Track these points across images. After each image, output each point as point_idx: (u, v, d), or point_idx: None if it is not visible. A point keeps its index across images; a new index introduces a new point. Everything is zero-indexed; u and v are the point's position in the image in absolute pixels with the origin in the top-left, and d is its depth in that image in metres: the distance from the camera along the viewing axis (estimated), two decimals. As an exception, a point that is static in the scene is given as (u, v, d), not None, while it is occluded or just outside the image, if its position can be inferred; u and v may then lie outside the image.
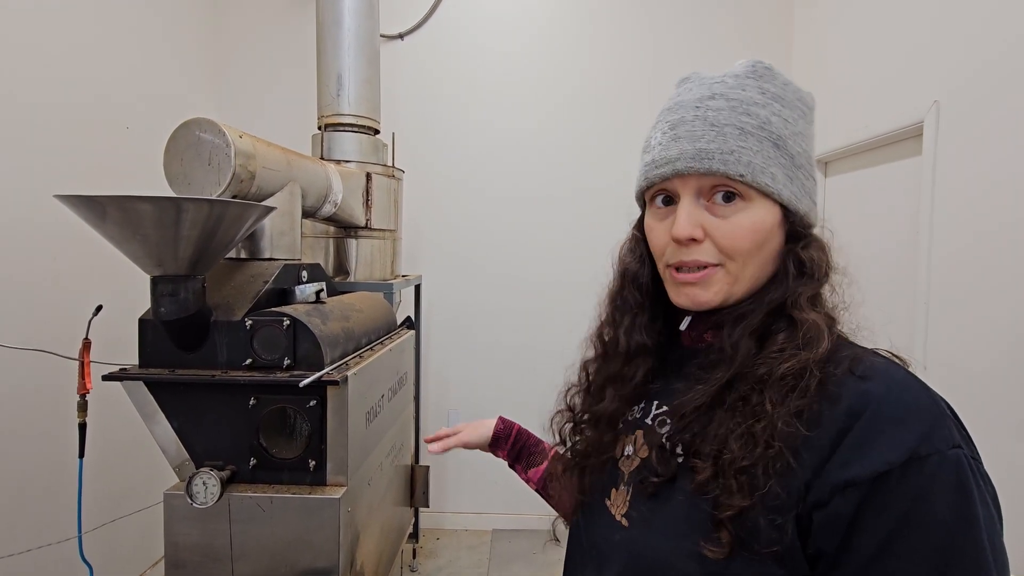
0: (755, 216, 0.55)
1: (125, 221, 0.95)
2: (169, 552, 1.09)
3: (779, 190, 0.55)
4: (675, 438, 0.56)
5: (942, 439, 0.45)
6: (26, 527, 1.71)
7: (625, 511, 0.59)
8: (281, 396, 1.09)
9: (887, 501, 0.44)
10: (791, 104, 0.58)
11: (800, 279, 0.56)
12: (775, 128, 0.55)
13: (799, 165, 0.57)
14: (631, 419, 0.65)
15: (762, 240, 0.56)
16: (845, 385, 0.49)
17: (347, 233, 1.97)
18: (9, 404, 1.68)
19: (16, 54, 1.69)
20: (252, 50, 2.84)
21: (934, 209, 1.69)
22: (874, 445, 0.45)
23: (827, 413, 0.48)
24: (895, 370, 0.50)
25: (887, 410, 0.46)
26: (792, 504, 0.47)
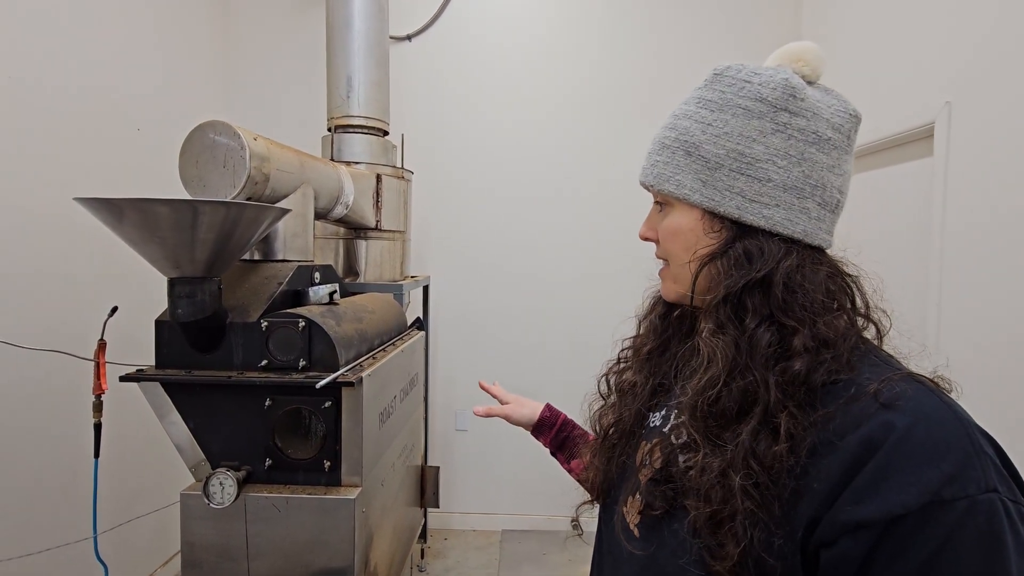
0: (672, 220, 0.60)
1: (143, 223, 0.96)
2: (185, 552, 1.10)
3: (686, 195, 0.57)
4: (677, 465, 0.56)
5: (973, 481, 0.41)
6: (42, 526, 1.72)
7: (638, 521, 0.59)
8: (296, 397, 1.09)
9: (902, 548, 0.41)
10: (730, 106, 0.56)
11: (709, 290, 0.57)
12: (690, 135, 0.57)
13: (717, 166, 0.55)
14: (652, 426, 0.65)
15: (686, 242, 0.59)
16: (866, 412, 0.45)
17: (357, 234, 1.98)
18: (26, 404, 1.69)
19: (31, 60, 1.71)
20: (261, 52, 2.85)
21: (946, 210, 1.68)
22: (891, 484, 0.42)
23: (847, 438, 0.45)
24: (927, 399, 0.46)
25: (909, 445, 0.43)
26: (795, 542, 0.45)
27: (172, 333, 1.10)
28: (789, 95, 0.54)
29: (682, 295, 0.61)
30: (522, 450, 2.53)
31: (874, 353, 0.53)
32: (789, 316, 0.51)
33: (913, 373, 0.49)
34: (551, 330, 2.88)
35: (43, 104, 1.75)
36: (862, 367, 0.50)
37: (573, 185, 2.86)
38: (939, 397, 0.47)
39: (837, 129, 0.56)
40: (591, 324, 2.83)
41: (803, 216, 0.55)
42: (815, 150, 0.55)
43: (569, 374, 2.85)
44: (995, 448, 0.44)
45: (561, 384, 2.87)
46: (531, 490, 2.78)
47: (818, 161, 0.55)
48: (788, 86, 0.55)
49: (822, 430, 0.46)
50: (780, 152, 0.54)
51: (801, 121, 0.54)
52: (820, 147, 0.55)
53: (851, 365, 0.50)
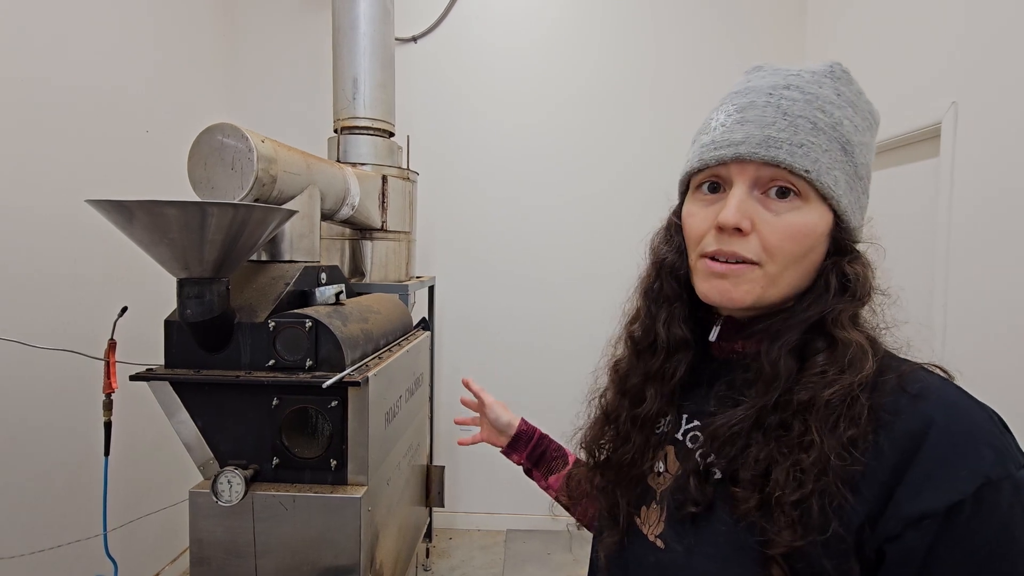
0: (808, 218, 0.52)
1: (153, 225, 0.97)
2: (194, 549, 1.11)
3: (839, 196, 0.52)
4: (711, 461, 0.53)
5: (1011, 460, 0.44)
6: (53, 523, 1.75)
7: (660, 532, 0.56)
8: (303, 396, 1.11)
9: (966, 531, 0.43)
10: (862, 113, 0.55)
11: (842, 296, 0.53)
12: (846, 132, 0.52)
13: (860, 176, 0.54)
14: (659, 432, 0.62)
15: (809, 245, 0.52)
16: (899, 405, 0.47)
17: (363, 235, 1.99)
18: (37, 403, 1.72)
19: (42, 63, 1.73)
20: (268, 55, 2.87)
21: (952, 211, 1.68)
22: (944, 473, 0.44)
23: (885, 439, 0.46)
24: (949, 388, 0.48)
25: (950, 434, 0.45)
26: (853, 541, 0.45)
27: (181, 333, 1.12)
28: (879, 116, 0.57)
29: (762, 298, 0.53)
30: (527, 450, 2.53)
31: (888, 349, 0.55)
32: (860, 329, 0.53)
33: (922, 364, 0.51)
34: (555, 330, 2.89)
35: (53, 106, 1.77)
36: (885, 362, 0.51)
37: (577, 185, 2.86)
38: (955, 386, 0.49)
39: None
40: (595, 324, 2.82)
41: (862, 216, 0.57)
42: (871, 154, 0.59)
43: (573, 374, 2.84)
44: (1002, 421, 0.48)
45: (564, 384, 2.87)
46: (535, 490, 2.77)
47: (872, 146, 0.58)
48: (877, 113, 0.57)
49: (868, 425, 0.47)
50: (871, 170, 0.57)
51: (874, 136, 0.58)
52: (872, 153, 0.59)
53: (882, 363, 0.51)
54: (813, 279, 0.55)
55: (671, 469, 0.58)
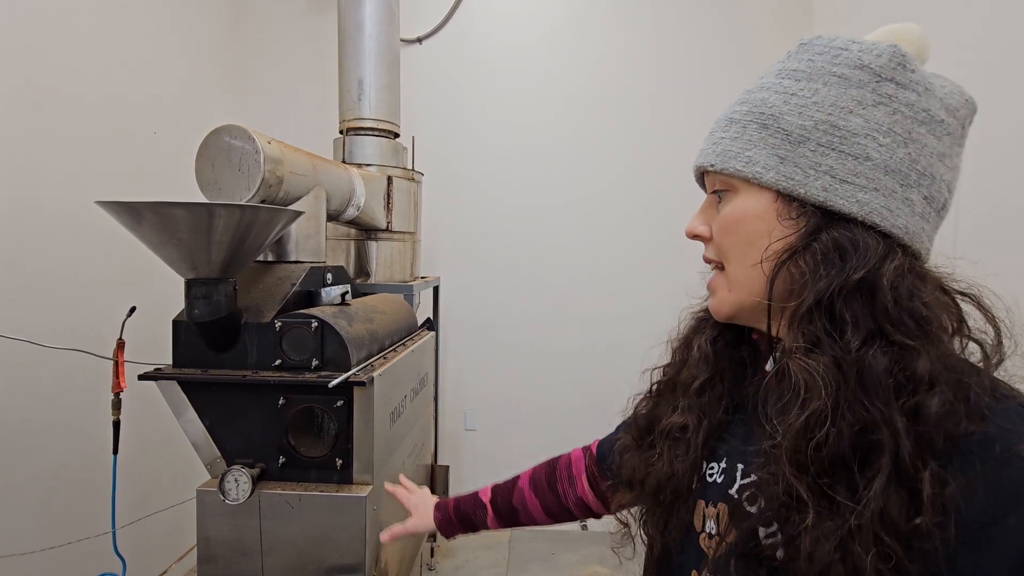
0: (736, 206, 0.49)
1: (161, 226, 0.98)
2: (201, 547, 1.12)
3: (758, 173, 0.47)
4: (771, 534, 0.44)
5: None
6: (61, 521, 1.76)
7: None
8: (309, 396, 1.11)
9: None
10: (821, 74, 0.47)
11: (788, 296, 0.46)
12: (769, 107, 0.48)
13: (802, 139, 0.46)
14: (711, 482, 0.53)
15: (751, 234, 0.48)
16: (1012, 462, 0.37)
17: (368, 235, 2.00)
18: (47, 401, 1.73)
19: (51, 67, 1.75)
20: (273, 56, 2.89)
21: (958, 219, 1.67)
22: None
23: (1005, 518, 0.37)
24: None
25: None
26: None
27: (189, 333, 1.13)
28: (898, 63, 0.45)
29: (740, 306, 0.50)
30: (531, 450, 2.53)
31: (992, 386, 0.42)
32: (904, 334, 0.41)
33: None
34: (560, 330, 2.89)
35: (63, 109, 1.79)
36: (995, 413, 0.40)
37: (582, 185, 2.86)
38: None
39: (952, 113, 0.46)
40: (600, 324, 2.83)
41: (906, 208, 0.45)
42: (925, 131, 0.45)
43: (575, 374, 2.86)
44: None
45: (569, 384, 2.88)
46: (540, 490, 2.78)
47: (928, 145, 0.45)
48: (897, 53, 0.45)
49: (975, 505, 0.37)
50: (883, 128, 0.44)
51: (911, 95, 0.45)
52: (932, 129, 0.45)
53: (980, 408, 0.40)
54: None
55: (726, 535, 0.48)
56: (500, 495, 0.88)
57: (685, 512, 0.53)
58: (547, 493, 0.83)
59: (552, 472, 0.85)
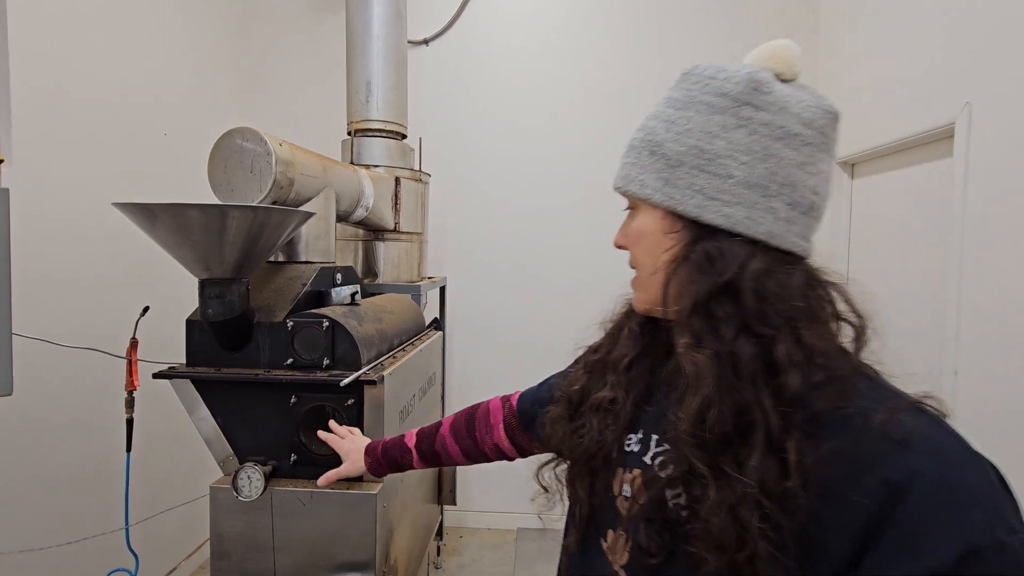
0: (637, 222, 0.58)
1: (176, 227, 1.00)
2: (215, 543, 1.14)
3: (648, 195, 0.56)
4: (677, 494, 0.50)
5: (1002, 525, 0.39)
6: (76, 517, 1.79)
7: (624, 563, 0.55)
8: (320, 395, 1.13)
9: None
10: (694, 103, 0.54)
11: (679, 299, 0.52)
12: (655, 134, 0.56)
13: (678, 163, 0.53)
14: (628, 451, 0.59)
15: (649, 246, 0.57)
16: (880, 450, 0.43)
17: (375, 236, 2.01)
18: (62, 400, 1.76)
19: (66, 71, 1.77)
20: (282, 59, 2.91)
21: (965, 212, 1.67)
22: (924, 539, 0.39)
23: (861, 481, 0.42)
24: (942, 437, 0.44)
25: (937, 494, 0.40)
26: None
27: (202, 332, 1.15)
28: (752, 89, 0.52)
29: (651, 308, 0.58)
30: (537, 450, 2.55)
31: (859, 369, 0.49)
32: (766, 325, 0.48)
33: (915, 399, 0.46)
34: (565, 330, 2.88)
35: (75, 111, 1.81)
36: (859, 392, 0.46)
37: (588, 186, 2.87)
38: (948, 430, 0.45)
39: (808, 125, 0.52)
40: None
41: (768, 216, 0.51)
42: (781, 146, 0.51)
43: (584, 374, 2.85)
44: (1000, 477, 0.43)
45: (576, 384, 2.87)
46: (546, 489, 2.79)
47: (785, 157, 0.51)
48: (752, 80, 0.52)
49: (835, 470, 0.43)
50: (743, 147, 0.51)
51: (765, 116, 0.51)
52: (788, 143, 0.51)
53: (848, 388, 0.46)
54: None
55: (637, 496, 0.55)
56: (424, 440, 0.96)
57: (608, 478, 0.59)
58: (466, 439, 0.92)
59: (471, 420, 0.93)
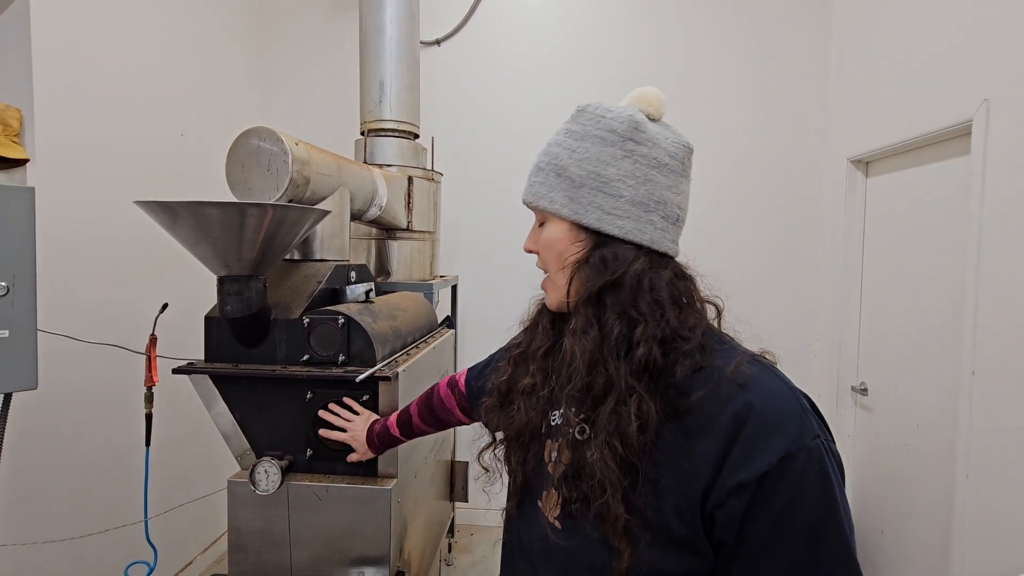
0: (548, 232, 0.69)
1: (196, 225, 1.02)
2: (232, 536, 1.15)
3: (557, 209, 0.67)
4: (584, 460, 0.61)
5: (807, 434, 0.54)
6: (96, 510, 1.82)
7: (557, 514, 0.65)
8: (336, 390, 1.14)
9: (770, 495, 0.53)
10: (589, 136, 0.66)
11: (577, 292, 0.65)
12: (559, 160, 0.68)
13: (581, 184, 0.65)
14: (553, 425, 0.70)
15: (559, 251, 0.67)
16: (731, 393, 0.56)
17: (388, 235, 2.03)
18: (83, 395, 1.79)
19: (88, 73, 1.80)
20: (296, 60, 2.94)
21: (983, 211, 1.65)
22: (757, 450, 0.54)
23: (720, 423, 0.56)
24: (768, 378, 0.58)
25: (764, 417, 0.55)
26: (695, 506, 0.55)
27: (220, 329, 1.16)
28: (633, 127, 0.65)
29: (561, 301, 0.68)
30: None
31: (719, 337, 0.64)
32: (636, 311, 0.61)
33: (754, 355, 0.61)
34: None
35: (96, 113, 1.85)
36: (716, 353, 0.60)
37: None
38: (775, 373, 0.60)
39: (673, 156, 0.67)
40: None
41: (649, 227, 0.65)
42: (656, 172, 0.65)
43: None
44: (811, 403, 0.58)
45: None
46: (556, 488, 2.78)
47: (659, 182, 0.65)
48: (632, 120, 0.66)
49: (700, 412, 0.57)
50: (629, 173, 0.65)
51: (644, 149, 0.65)
52: (660, 170, 0.66)
53: (708, 352, 0.60)
54: None
55: (563, 459, 0.66)
56: (403, 427, 1.09)
57: (539, 449, 0.71)
58: (432, 422, 1.08)
59: (431, 407, 1.08)
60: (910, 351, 2.02)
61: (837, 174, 2.53)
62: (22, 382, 1.02)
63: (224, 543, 2.49)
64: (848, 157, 2.44)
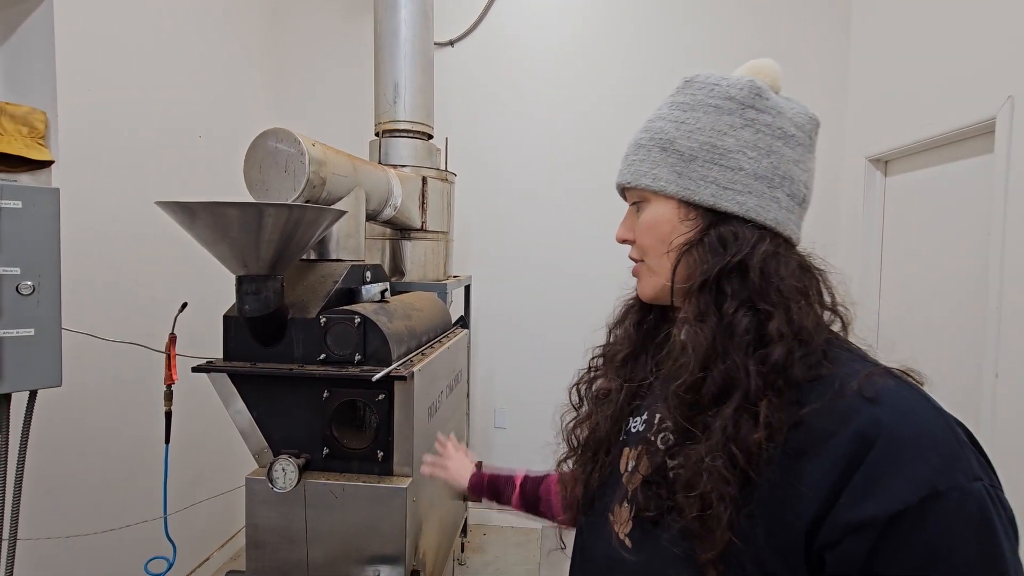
0: (650, 213, 0.62)
1: (215, 225, 1.03)
2: (250, 532, 1.17)
3: (662, 187, 0.59)
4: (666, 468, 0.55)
5: (961, 471, 0.43)
6: (117, 506, 1.85)
7: (628, 531, 0.58)
8: (352, 389, 1.15)
9: (905, 544, 0.42)
10: (702, 105, 0.60)
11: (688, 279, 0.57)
12: (665, 133, 0.60)
13: (692, 158, 0.58)
14: (633, 432, 0.64)
15: (663, 234, 0.60)
16: (854, 407, 0.46)
17: (402, 235, 2.04)
18: (105, 393, 1.82)
19: (108, 78, 1.84)
20: (311, 61, 2.97)
21: (1007, 210, 1.61)
22: (888, 481, 0.43)
23: (837, 434, 0.46)
24: (908, 394, 0.47)
25: (899, 440, 0.44)
26: (802, 543, 0.45)
27: (238, 328, 1.18)
28: (755, 94, 0.59)
29: (660, 288, 0.61)
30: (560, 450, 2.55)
31: (846, 347, 0.54)
32: (765, 301, 0.53)
33: (890, 368, 0.50)
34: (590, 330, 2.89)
35: (117, 115, 1.88)
36: (840, 361, 0.51)
37: (611, 186, 2.85)
38: (918, 391, 0.48)
39: (800, 128, 0.60)
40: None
41: (774, 205, 0.57)
42: (781, 144, 0.58)
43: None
44: (969, 436, 0.46)
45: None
46: (569, 489, 2.78)
47: (785, 154, 0.58)
48: (754, 86, 0.59)
49: (811, 427, 0.47)
50: (750, 144, 0.57)
51: (767, 117, 0.58)
52: (786, 142, 0.58)
53: (829, 359, 0.51)
54: None
55: (642, 469, 0.59)
56: (530, 480, 0.99)
57: (611, 459, 0.64)
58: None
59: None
60: (931, 353, 1.98)
61: (855, 173, 2.50)
62: (47, 379, 1.04)
63: (240, 539, 2.52)
64: (867, 156, 2.40)
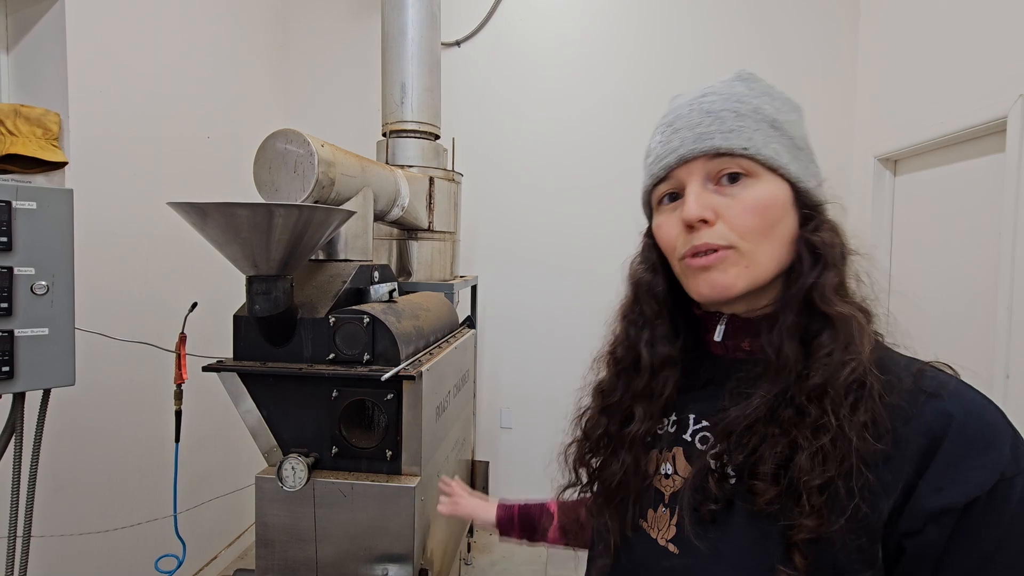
0: (764, 191, 0.53)
1: (226, 225, 1.04)
2: (260, 531, 1.17)
3: (786, 163, 0.54)
4: (727, 459, 0.53)
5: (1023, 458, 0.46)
6: (128, 504, 1.87)
7: (672, 536, 0.55)
8: (361, 389, 1.16)
9: (979, 526, 0.45)
10: (780, 99, 0.58)
11: (816, 266, 0.53)
12: (769, 113, 0.55)
13: (800, 147, 0.56)
14: (662, 433, 0.61)
15: (773, 218, 0.53)
16: (916, 402, 0.48)
17: (409, 235, 2.05)
18: (116, 391, 1.84)
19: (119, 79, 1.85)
20: (318, 62, 2.98)
21: (1018, 209, 1.60)
22: (963, 469, 0.45)
23: (901, 430, 0.47)
24: (964, 387, 0.49)
25: (969, 432, 0.46)
26: (879, 527, 0.46)
27: (249, 327, 1.19)
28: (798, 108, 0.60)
29: (758, 281, 0.54)
30: (567, 449, 2.55)
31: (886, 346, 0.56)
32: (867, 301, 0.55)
33: (932, 362, 0.52)
34: (596, 330, 2.88)
35: (129, 117, 1.90)
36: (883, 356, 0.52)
37: (617, 184, 2.85)
38: (967, 383, 0.50)
39: None
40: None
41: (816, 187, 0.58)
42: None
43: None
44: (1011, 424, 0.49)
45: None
46: (576, 489, 2.78)
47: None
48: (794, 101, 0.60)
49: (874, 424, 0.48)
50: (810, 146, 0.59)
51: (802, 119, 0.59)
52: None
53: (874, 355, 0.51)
54: (791, 258, 0.55)
55: (681, 471, 0.57)
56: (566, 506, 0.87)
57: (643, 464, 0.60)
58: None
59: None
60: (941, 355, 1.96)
61: (864, 173, 2.48)
62: (61, 379, 1.05)
63: (249, 537, 2.54)
64: (876, 155, 2.39)
